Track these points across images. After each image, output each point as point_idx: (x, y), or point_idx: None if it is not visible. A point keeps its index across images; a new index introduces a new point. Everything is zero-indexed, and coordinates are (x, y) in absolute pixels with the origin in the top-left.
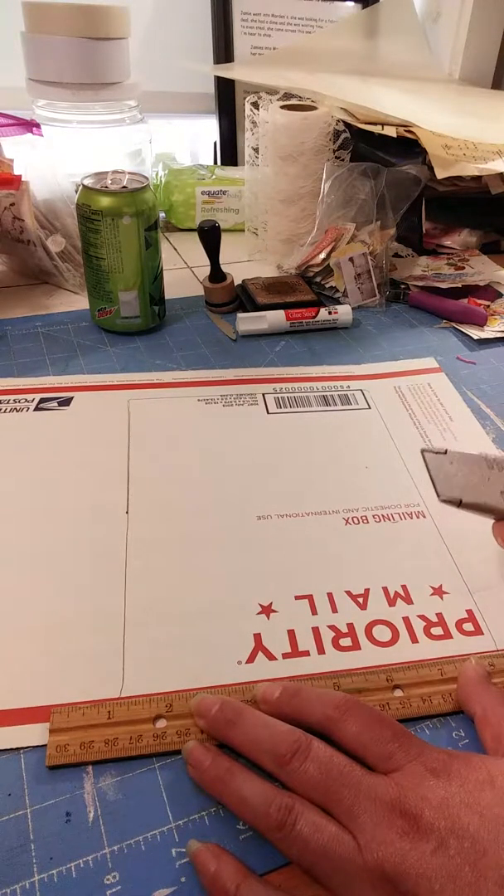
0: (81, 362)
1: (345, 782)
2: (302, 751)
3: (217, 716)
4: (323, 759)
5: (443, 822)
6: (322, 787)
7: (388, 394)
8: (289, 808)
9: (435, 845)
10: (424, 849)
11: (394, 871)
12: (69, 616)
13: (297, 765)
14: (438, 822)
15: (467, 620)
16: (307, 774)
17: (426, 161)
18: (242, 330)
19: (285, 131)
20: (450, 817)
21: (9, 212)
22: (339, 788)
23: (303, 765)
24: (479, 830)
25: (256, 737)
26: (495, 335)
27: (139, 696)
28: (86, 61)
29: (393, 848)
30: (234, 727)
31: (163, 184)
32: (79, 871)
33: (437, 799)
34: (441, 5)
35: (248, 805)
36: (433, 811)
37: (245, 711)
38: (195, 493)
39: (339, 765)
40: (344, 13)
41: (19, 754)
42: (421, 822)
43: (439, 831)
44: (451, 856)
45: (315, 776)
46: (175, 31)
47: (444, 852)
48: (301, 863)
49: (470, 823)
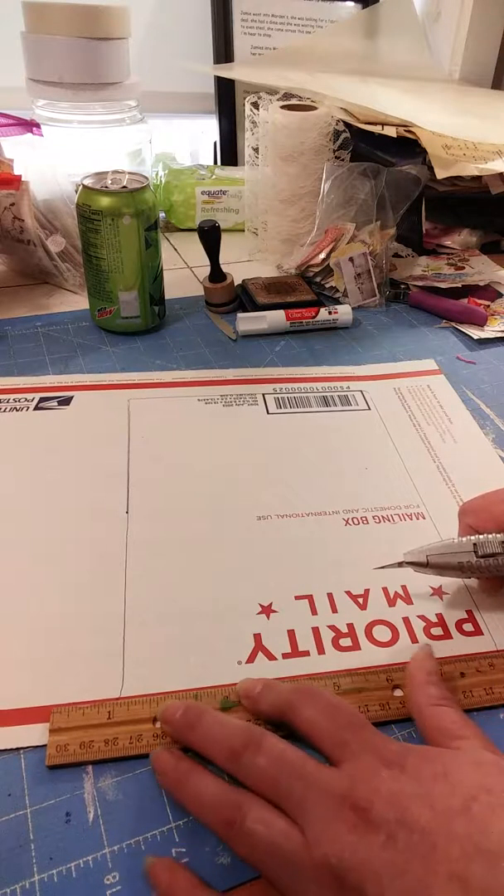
0: (81, 362)
1: (296, 775)
2: (254, 744)
3: (180, 720)
4: (275, 753)
5: (393, 814)
6: (273, 781)
7: (387, 395)
8: (238, 805)
9: (384, 839)
10: (373, 842)
11: (340, 865)
12: (69, 616)
13: (249, 758)
14: (388, 815)
15: (467, 620)
16: (258, 768)
17: (426, 161)
18: (242, 330)
19: (285, 131)
20: (400, 810)
21: (9, 212)
22: (291, 781)
23: (255, 758)
24: (429, 823)
25: (212, 735)
26: (495, 335)
27: (139, 696)
28: (86, 61)
29: (340, 842)
30: (193, 730)
31: (163, 184)
32: (79, 871)
33: (388, 791)
34: (441, 5)
35: (202, 804)
36: (384, 803)
37: (205, 713)
38: (195, 493)
39: (291, 758)
40: (344, 13)
41: (19, 754)
42: (370, 814)
43: (389, 824)
44: (400, 849)
45: (266, 769)
46: (175, 31)
47: (393, 846)
48: (251, 860)
49: (421, 816)
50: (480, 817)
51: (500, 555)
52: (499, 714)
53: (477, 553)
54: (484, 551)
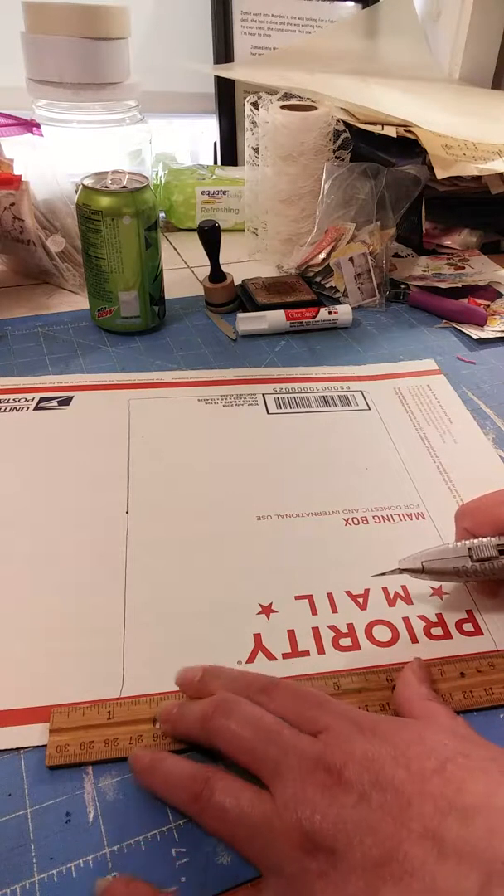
0: (81, 362)
1: (271, 739)
2: (226, 708)
3: (175, 714)
4: (248, 717)
5: (366, 774)
6: (247, 745)
7: (387, 395)
8: (205, 779)
9: (356, 798)
10: (345, 802)
11: (312, 827)
12: (69, 616)
13: (221, 721)
14: (361, 776)
15: (467, 620)
16: (230, 731)
17: (426, 161)
18: (242, 330)
19: (285, 131)
20: (374, 770)
21: (9, 212)
22: (266, 746)
23: (226, 720)
24: (403, 783)
25: (191, 709)
26: (495, 335)
27: (139, 696)
28: (86, 61)
29: (311, 803)
30: (182, 716)
31: (163, 184)
32: (79, 871)
33: (362, 753)
34: (441, 5)
35: (170, 785)
36: (357, 764)
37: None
38: (195, 493)
39: (266, 722)
40: (344, 13)
41: (19, 754)
42: (343, 775)
43: (362, 784)
44: (372, 808)
45: (239, 733)
46: (175, 31)
47: (366, 805)
48: (222, 835)
49: (395, 776)
50: (456, 776)
51: (496, 559)
52: (499, 714)
53: (472, 557)
54: (479, 555)
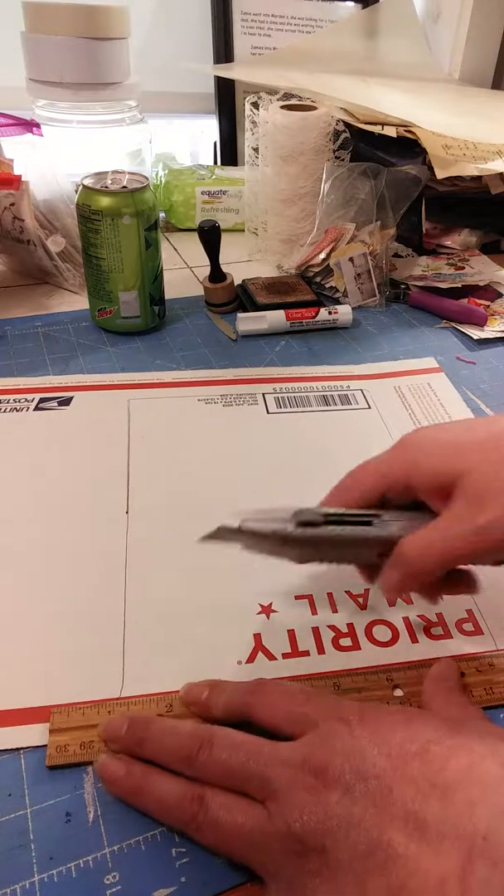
0: (81, 362)
1: (252, 758)
2: (206, 743)
3: (127, 737)
4: (227, 745)
5: (348, 766)
6: (232, 771)
7: (388, 394)
8: (199, 798)
9: (341, 793)
10: (330, 799)
11: (301, 829)
12: (69, 616)
13: (204, 757)
14: (345, 769)
15: (467, 620)
16: (215, 764)
17: (426, 161)
18: (242, 330)
19: (285, 131)
20: (356, 760)
21: (9, 212)
22: (248, 766)
23: (209, 755)
24: (385, 769)
25: (164, 746)
26: (495, 335)
27: (139, 696)
28: (86, 61)
29: (299, 807)
30: (143, 744)
31: (163, 184)
32: (79, 871)
33: (344, 747)
34: (441, 5)
35: (165, 806)
36: (340, 759)
37: (152, 725)
38: (195, 492)
39: (244, 745)
40: (344, 13)
41: (19, 754)
42: (328, 773)
43: (345, 778)
44: (355, 799)
45: (222, 762)
46: (175, 30)
47: (350, 798)
48: (220, 849)
49: (376, 763)
50: (437, 756)
51: (321, 526)
52: (499, 714)
53: (296, 521)
54: (302, 518)
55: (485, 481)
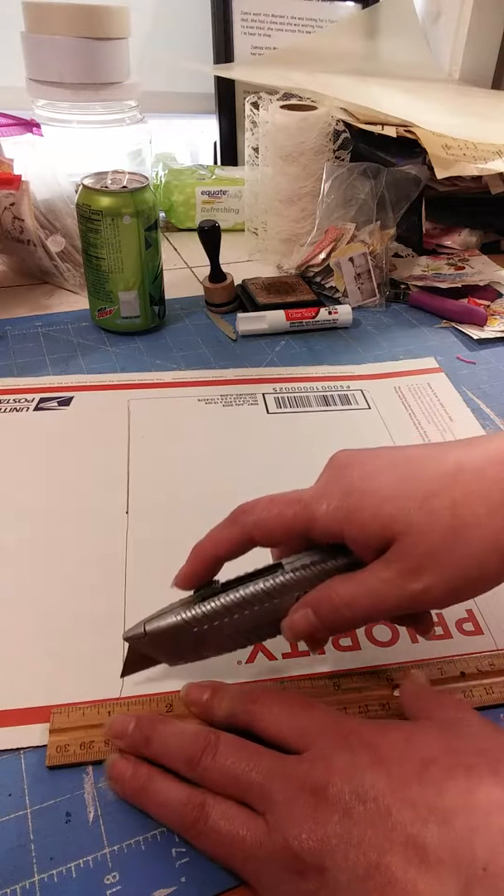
0: (81, 362)
1: (255, 768)
2: (210, 748)
3: (134, 735)
4: (231, 752)
5: (347, 787)
6: (235, 779)
7: (388, 394)
8: (201, 805)
9: (341, 814)
10: (329, 820)
11: (300, 847)
12: (69, 616)
13: (208, 762)
14: (344, 790)
15: (467, 620)
16: (218, 770)
17: (426, 161)
18: (242, 330)
19: (285, 131)
20: (355, 781)
21: (9, 212)
22: (250, 775)
23: (213, 761)
24: (384, 791)
25: (169, 746)
26: (495, 335)
27: (139, 696)
28: (86, 61)
29: (299, 824)
30: (149, 743)
31: (163, 184)
32: (79, 871)
33: (344, 766)
34: (441, 5)
35: (167, 809)
36: (340, 779)
37: (158, 724)
38: (195, 492)
39: (248, 754)
40: (344, 13)
41: (19, 754)
42: (328, 793)
43: (344, 798)
44: (355, 821)
45: (226, 769)
46: (175, 31)
47: (349, 819)
48: (217, 857)
49: (375, 785)
50: (436, 779)
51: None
52: (499, 714)
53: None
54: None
55: (422, 545)
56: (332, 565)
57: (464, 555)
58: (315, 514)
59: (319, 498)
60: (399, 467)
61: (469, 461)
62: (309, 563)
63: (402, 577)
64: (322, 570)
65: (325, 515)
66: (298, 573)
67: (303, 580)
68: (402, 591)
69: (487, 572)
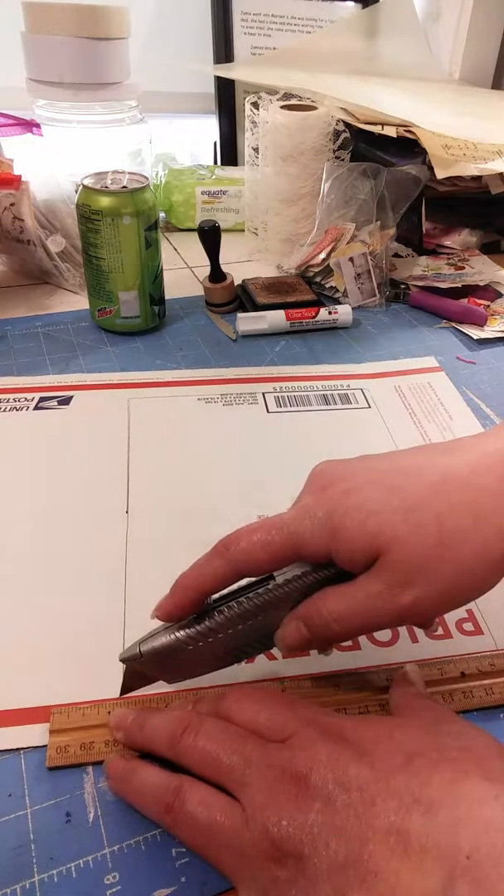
0: (81, 362)
1: (236, 751)
2: (192, 727)
3: (132, 725)
4: (214, 733)
5: (331, 776)
6: (215, 760)
7: (388, 393)
8: (177, 788)
9: (322, 803)
10: (310, 808)
11: (279, 835)
12: (69, 616)
13: (189, 741)
14: (327, 779)
15: (467, 620)
16: (198, 749)
17: (426, 161)
18: (242, 330)
19: (285, 131)
20: (339, 772)
21: (9, 212)
22: (231, 758)
23: (194, 740)
24: (367, 781)
25: (156, 728)
26: (495, 335)
27: (139, 697)
28: (86, 61)
29: (278, 811)
30: (143, 729)
31: (163, 184)
32: (79, 871)
33: (327, 756)
34: (441, 5)
35: (142, 795)
36: (322, 768)
37: (153, 713)
38: (195, 492)
39: (230, 736)
40: (344, 13)
41: (20, 754)
42: (309, 781)
43: (327, 787)
44: (337, 809)
45: (206, 749)
46: (175, 31)
47: (331, 807)
48: (193, 845)
49: (359, 775)
50: (422, 770)
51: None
52: (499, 714)
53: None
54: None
55: (409, 559)
56: (323, 575)
57: (451, 566)
58: (301, 537)
59: (302, 519)
60: (382, 480)
61: (454, 471)
62: (300, 575)
63: (390, 591)
64: (314, 580)
65: (311, 537)
66: (290, 586)
67: (295, 592)
68: (391, 604)
69: (476, 582)
